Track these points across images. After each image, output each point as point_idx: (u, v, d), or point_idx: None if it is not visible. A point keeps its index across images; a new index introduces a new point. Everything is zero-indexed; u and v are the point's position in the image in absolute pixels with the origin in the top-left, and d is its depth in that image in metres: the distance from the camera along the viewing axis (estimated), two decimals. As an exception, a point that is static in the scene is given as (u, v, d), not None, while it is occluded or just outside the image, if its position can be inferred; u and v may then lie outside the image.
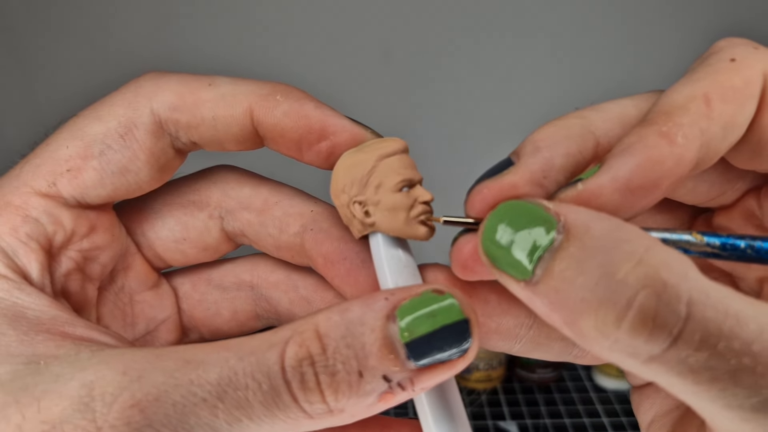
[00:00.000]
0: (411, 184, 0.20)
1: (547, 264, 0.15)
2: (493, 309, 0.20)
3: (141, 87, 0.21)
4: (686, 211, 0.23)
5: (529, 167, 0.18)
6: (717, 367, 0.14)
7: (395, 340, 0.17)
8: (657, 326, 0.14)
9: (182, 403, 0.16)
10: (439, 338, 0.17)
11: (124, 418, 0.16)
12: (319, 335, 0.17)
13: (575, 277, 0.15)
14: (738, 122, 0.17)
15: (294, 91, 0.21)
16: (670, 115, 0.17)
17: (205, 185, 0.24)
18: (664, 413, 0.21)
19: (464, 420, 0.19)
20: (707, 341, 0.14)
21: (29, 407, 0.16)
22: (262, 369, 0.16)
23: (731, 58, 0.17)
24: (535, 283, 0.16)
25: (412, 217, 0.20)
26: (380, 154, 0.20)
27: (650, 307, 0.14)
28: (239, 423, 0.16)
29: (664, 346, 0.14)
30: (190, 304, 0.25)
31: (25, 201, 0.20)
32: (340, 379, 0.17)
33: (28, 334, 0.18)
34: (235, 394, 0.16)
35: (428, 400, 0.19)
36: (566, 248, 0.15)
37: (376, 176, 0.20)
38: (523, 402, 0.95)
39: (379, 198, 0.20)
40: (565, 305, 0.15)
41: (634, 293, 0.14)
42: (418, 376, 0.17)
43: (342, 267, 0.22)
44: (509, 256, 0.16)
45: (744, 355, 0.14)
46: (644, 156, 0.16)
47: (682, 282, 0.14)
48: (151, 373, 0.16)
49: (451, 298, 0.17)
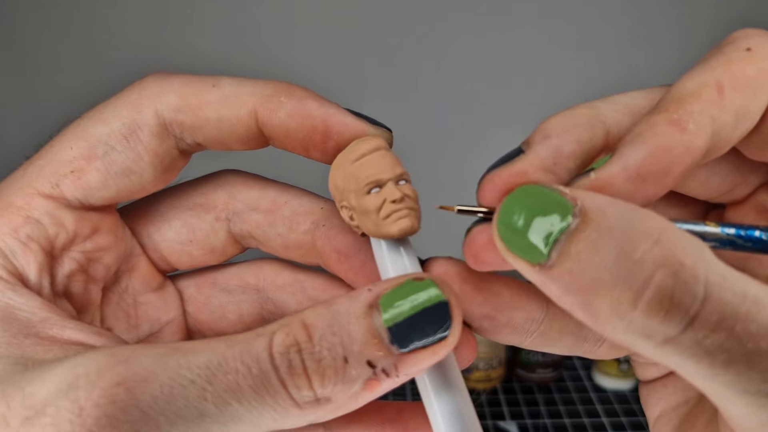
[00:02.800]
0: (379, 183, 0.20)
1: (562, 247, 0.15)
2: (505, 303, 0.20)
3: (145, 89, 0.21)
4: (698, 206, 0.23)
5: (539, 154, 0.18)
6: (733, 350, 0.14)
7: (378, 326, 0.17)
8: (674, 306, 0.14)
9: (170, 385, 0.16)
10: (421, 321, 0.17)
11: (108, 396, 0.16)
12: (306, 325, 0.17)
13: (591, 258, 0.15)
14: (750, 111, 0.17)
15: (297, 91, 0.21)
16: (681, 102, 0.17)
17: (212, 188, 0.24)
18: (672, 408, 0.21)
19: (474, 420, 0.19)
20: (724, 323, 0.14)
21: (14, 398, 0.16)
22: (251, 354, 0.17)
23: (747, 48, 0.17)
24: (551, 267, 0.15)
25: (382, 218, 0.20)
26: (353, 157, 0.20)
27: (667, 287, 0.14)
28: (228, 407, 0.16)
29: (680, 327, 0.14)
30: (196, 307, 0.25)
31: (27, 202, 0.20)
32: (326, 364, 0.17)
33: (17, 337, 0.18)
34: (225, 378, 0.16)
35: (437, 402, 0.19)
36: (583, 230, 0.15)
37: (349, 181, 0.20)
38: (523, 402, 0.95)
39: (354, 203, 0.20)
40: (580, 286, 0.15)
41: (651, 273, 0.14)
42: (402, 361, 0.17)
43: (357, 260, 0.22)
44: (524, 240, 0.16)
45: (761, 339, 0.14)
46: (655, 144, 0.16)
47: (699, 263, 0.14)
48: (139, 357, 0.16)
49: (431, 283, 0.18)
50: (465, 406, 0.19)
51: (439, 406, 0.19)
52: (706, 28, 0.83)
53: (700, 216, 0.23)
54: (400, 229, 0.19)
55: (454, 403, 0.19)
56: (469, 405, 0.19)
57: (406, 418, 0.22)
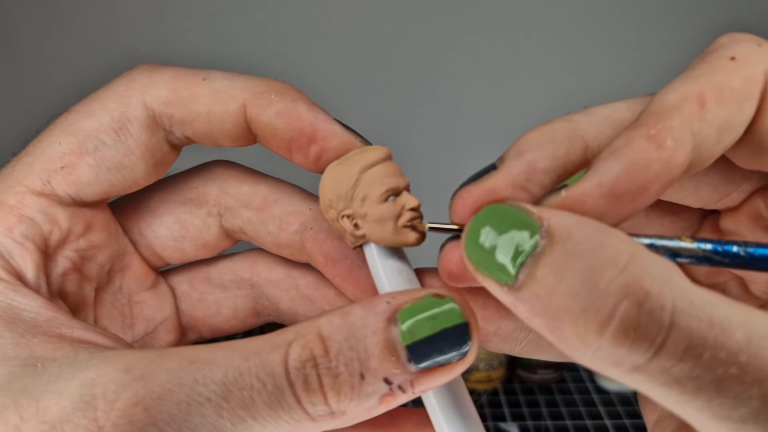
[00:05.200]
0: (396, 192, 0.20)
1: (529, 269, 0.15)
2: (492, 313, 0.20)
3: (134, 81, 0.21)
4: (693, 213, 0.22)
5: (511, 170, 0.18)
6: (702, 377, 0.14)
7: (396, 343, 0.17)
8: (639, 336, 0.14)
9: (186, 402, 0.16)
10: (440, 341, 0.17)
11: (127, 416, 0.16)
12: (322, 338, 0.17)
13: (557, 283, 0.15)
14: (734, 124, 0.17)
15: (289, 91, 0.21)
16: (660, 116, 0.16)
17: (203, 182, 0.24)
18: (669, 413, 0.21)
19: (476, 419, 0.19)
20: (692, 351, 0.14)
21: (28, 408, 0.16)
22: (266, 369, 0.16)
23: (731, 57, 0.17)
24: (518, 288, 0.15)
25: (401, 226, 0.20)
26: (362, 166, 0.20)
27: (632, 317, 0.14)
28: (243, 423, 0.16)
29: (647, 356, 0.14)
30: (189, 304, 0.25)
31: (19, 200, 0.20)
32: (343, 380, 0.17)
33: (25, 336, 0.18)
34: (240, 394, 0.16)
35: (438, 402, 0.19)
36: (549, 254, 0.15)
37: (361, 189, 0.20)
38: (524, 403, 0.95)
39: (366, 210, 0.20)
40: (548, 311, 0.15)
41: (617, 303, 0.14)
42: (419, 378, 0.17)
43: (343, 266, 0.22)
44: (492, 260, 0.16)
45: (730, 365, 0.14)
46: (630, 160, 0.16)
47: (665, 290, 0.14)
48: (155, 372, 0.16)
49: (451, 302, 0.18)
50: (466, 407, 0.19)
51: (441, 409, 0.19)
52: (707, 29, 0.83)
53: (695, 224, 0.22)
54: (416, 239, 0.20)
55: (456, 407, 0.19)
56: (470, 406, 0.19)
57: (398, 423, 0.22)
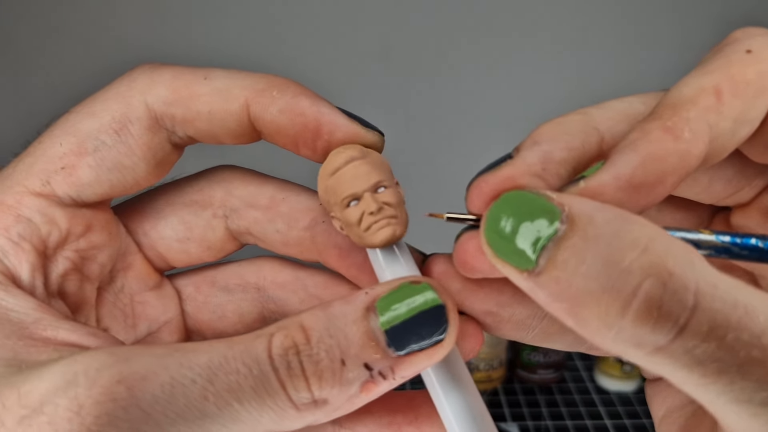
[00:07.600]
0: (356, 197, 0.20)
1: (550, 254, 0.15)
2: (507, 299, 0.20)
3: (134, 81, 0.21)
4: (704, 209, 0.22)
5: (527, 160, 0.18)
6: (725, 359, 0.14)
7: (375, 329, 0.17)
8: (663, 315, 0.14)
9: (171, 384, 0.16)
10: (417, 324, 0.18)
11: (109, 394, 0.15)
12: (304, 328, 0.17)
13: (578, 266, 0.15)
14: (750, 117, 0.17)
15: (290, 86, 0.21)
16: (676, 108, 0.16)
17: (208, 184, 0.24)
18: (677, 407, 0.21)
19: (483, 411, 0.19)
20: (715, 332, 0.14)
21: (9, 396, 0.16)
22: (251, 355, 0.17)
23: (747, 50, 0.17)
24: (538, 274, 0.15)
25: (363, 230, 0.20)
26: (329, 171, 0.20)
27: (656, 296, 0.14)
28: (229, 407, 0.16)
29: (670, 336, 0.14)
30: (195, 307, 0.25)
31: (18, 200, 0.20)
32: (324, 367, 0.17)
33: (10, 338, 0.18)
34: (227, 378, 0.16)
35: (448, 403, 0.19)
36: (570, 238, 0.15)
37: (330, 194, 0.20)
38: (524, 403, 0.95)
39: (339, 215, 0.20)
40: (568, 295, 0.15)
41: (639, 281, 0.14)
42: (399, 364, 0.17)
43: (359, 256, 0.22)
44: (512, 246, 0.16)
45: (753, 348, 0.14)
46: (647, 152, 0.16)
47: (689, 271, 0.14)
48: (140, 356, 0.16)
49: (427, 287, 0.18)
50: (473, 399, 0.19)
51: (448, 401, 0.19)
52: (710, 27, 0.83)
53: (705, 220, 0.22)
54: (381, 240, 0.20)
55: (462, 396, 0.19)
56: (477, 396, 0.19)
57: (416, 405, 0.22)
